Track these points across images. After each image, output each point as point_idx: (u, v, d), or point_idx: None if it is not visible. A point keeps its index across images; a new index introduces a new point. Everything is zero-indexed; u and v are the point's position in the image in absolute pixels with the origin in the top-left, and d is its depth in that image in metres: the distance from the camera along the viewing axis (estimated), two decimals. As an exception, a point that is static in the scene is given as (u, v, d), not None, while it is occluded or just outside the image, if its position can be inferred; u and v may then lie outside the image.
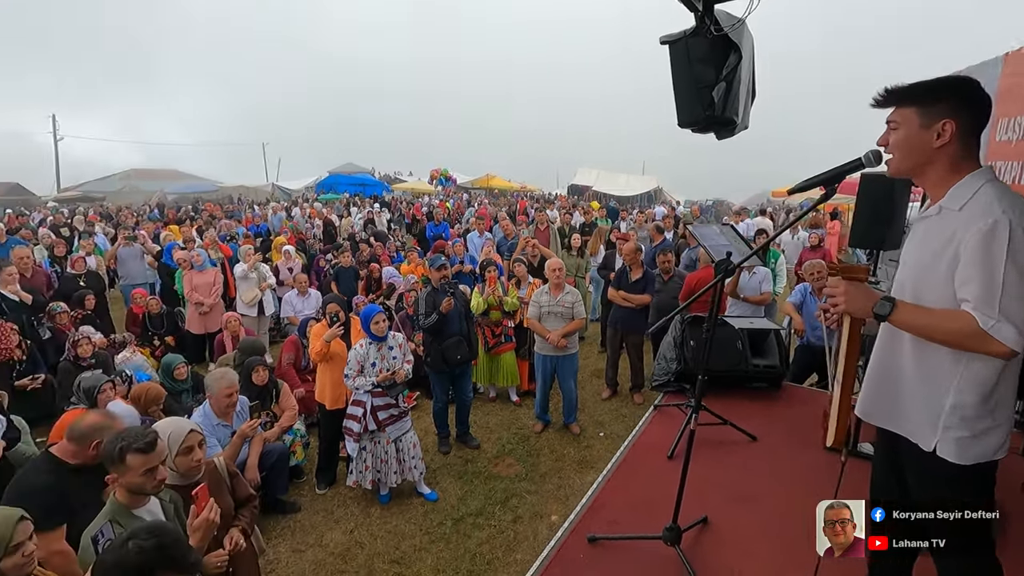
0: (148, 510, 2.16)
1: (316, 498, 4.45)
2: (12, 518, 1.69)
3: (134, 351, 6.14)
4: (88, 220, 13.58)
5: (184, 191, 28.85)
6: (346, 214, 17.02)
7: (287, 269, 8.44)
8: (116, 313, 7.88)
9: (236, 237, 11.34)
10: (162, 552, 1.45)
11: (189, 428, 2.47)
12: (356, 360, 4.06)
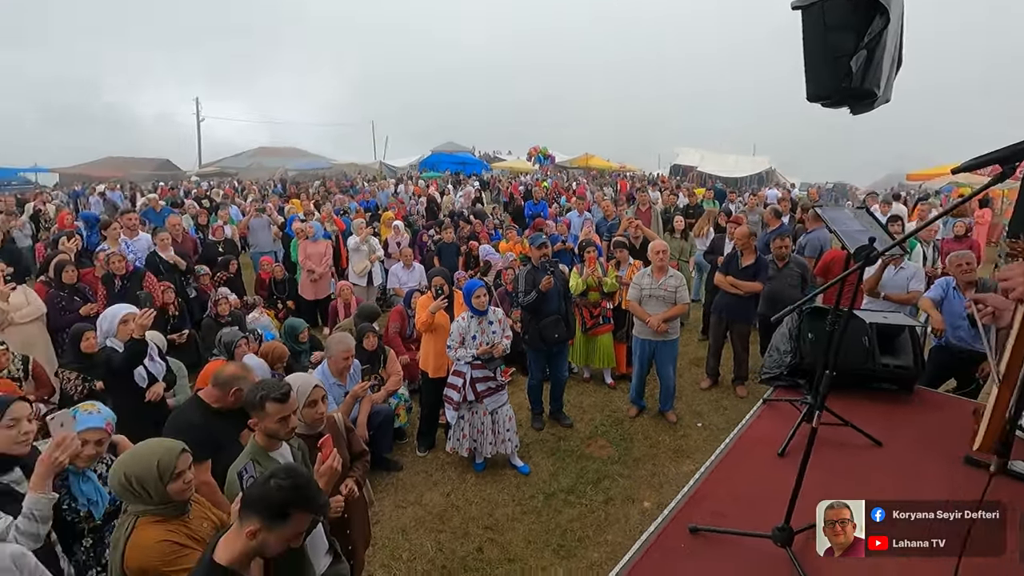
0: (280, 454, 2.40)
1: (416, 460, 4.72)
2: (176, 449, 1.95)
3: (261, 312, 6.79)
4: (224, 193, 15.12)
5: (303, 168, 31.18)
6: (448, 192, 17.56)
7: (395, 243, 8.87)
8: (246, 278, 8.74)
9: (348, 211, 12.10)
10: (298, 492, 1.61)
11: (314, 383, 2.69)
12: (458, 332, 4.21)
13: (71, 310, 5.07)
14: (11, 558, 1.86)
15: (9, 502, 2.06)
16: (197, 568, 1.63)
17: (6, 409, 2.18)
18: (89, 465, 2.35)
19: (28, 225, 9.55)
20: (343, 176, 28.66)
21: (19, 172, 26.32)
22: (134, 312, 3.39)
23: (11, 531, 1.99)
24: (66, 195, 17.73)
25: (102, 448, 2.40)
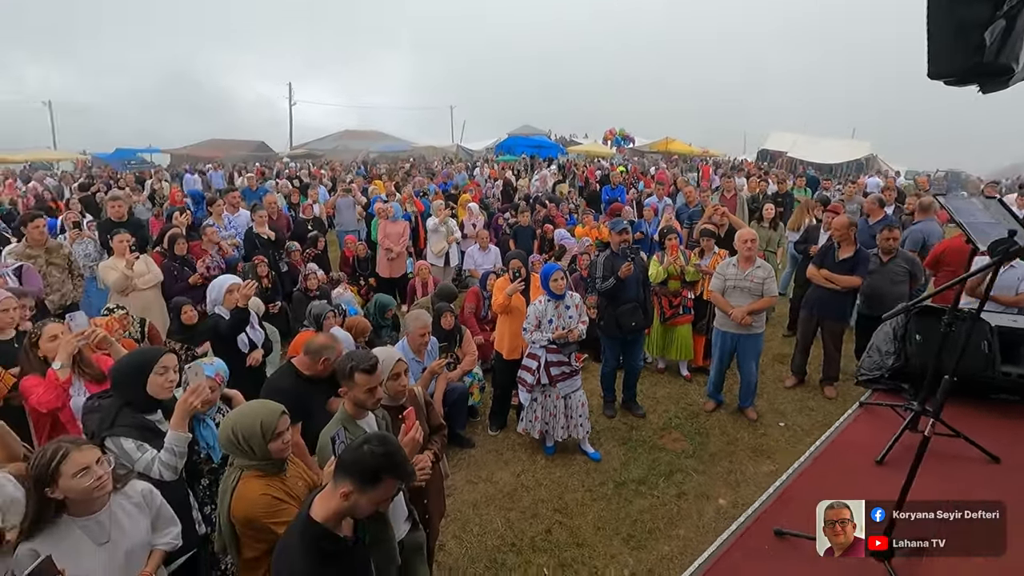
0: (367, 422, 2.52)
1: (488, 438, 4.81)
2: (277, 411, 2.10)
3: (345, 288, 7.14)
4: (312, 174, 15.95)
5: (384, 150, 32.25)
6: (524, 175, 17.57)
7: (471, 224, 9.02)
8: (331, 255, 9.20)
9: (427, 193, 12.42)
10: (389, 459, 1.69)
11: (397, 357, 2.79)
12: (534, 315, 4.22)
13: (181, 279, 5.56)
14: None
15: (153, 437, 2.32)
16: (295, 522, 1.75)
17: (160, 358, 2.42)
18: (207, 410, 2.58)
19: (147, 201, 10.54)
20: (422, 159, 29.42)
21: (137, 153, 29.06)
22: (239, 283, 3.66)
23: (155, 463, 2.24)
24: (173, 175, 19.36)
25: (215, 396, 2.63)
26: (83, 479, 1.82)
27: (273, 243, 6.86)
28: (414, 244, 8.70)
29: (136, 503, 2.06)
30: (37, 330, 2.91)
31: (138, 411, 2.38)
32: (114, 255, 5.18)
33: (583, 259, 6.96)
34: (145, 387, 2.39)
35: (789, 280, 7.62)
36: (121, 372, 2.45)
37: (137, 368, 2.40)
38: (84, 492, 1.84)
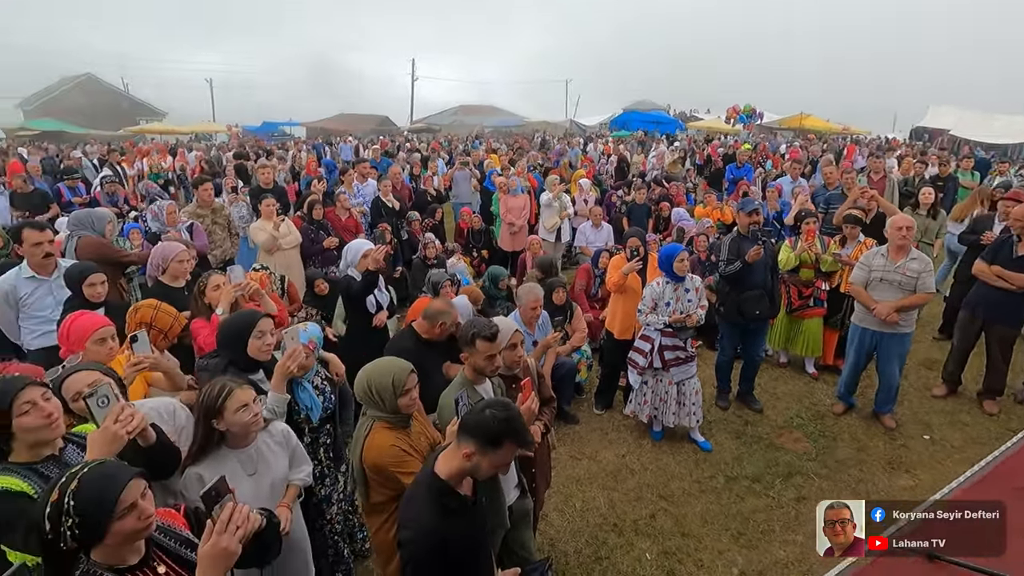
0: (484, 389, 2.60)
1: (593, 416, 4.79)
2: (407, 369, 2.23)
3: (459, 259, 7.37)
4: (431, 147, 16.57)
5: (498, 125, 32.67)
6: (639, 151, 16.95)
7: (582, 201, 8.89)
8: (447, 225, 9.53)
9: (539, 168, 12.40)
10: (511, 425, 1.72)
11: (515, 328, 2.83)
12: (651, 297, 4.08)
13: (317, 241, 6.06)
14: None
15: (258, 394, 2.53)
16: (421, 475, 1.85)
17: (256, 323, 2.63)
18: (302, 374, 2.66)
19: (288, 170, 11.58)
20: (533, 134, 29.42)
21: (279, 126, 31.94)
22: (372, 247, 3.91)
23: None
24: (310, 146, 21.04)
25: (310, 361, 2.74)
26: (243, 414, 2.06)
27: (396, 212, 7.24)
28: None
29: (278, 441, 2.29)
30: (204, 280, 3.31)
31: (241, 370, 2.54)
32: (262, 217, 5.76)
33: (700, 240, 6.60)
34: (245, 349, 2.56)
35: (946, 276, 6.69)
36: (224, 334, 2.63)
37: (237, 331, 2.57)
38: (243, 427, 2.08)
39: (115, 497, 1.36)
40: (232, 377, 2.17)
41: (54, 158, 14.42)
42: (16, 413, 1.72)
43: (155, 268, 3.68)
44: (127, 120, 32.93)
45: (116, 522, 1.36)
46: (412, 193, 8.58)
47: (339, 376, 2.89)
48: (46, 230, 3.73)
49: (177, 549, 1.60)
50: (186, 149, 16.36)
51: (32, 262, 3.65)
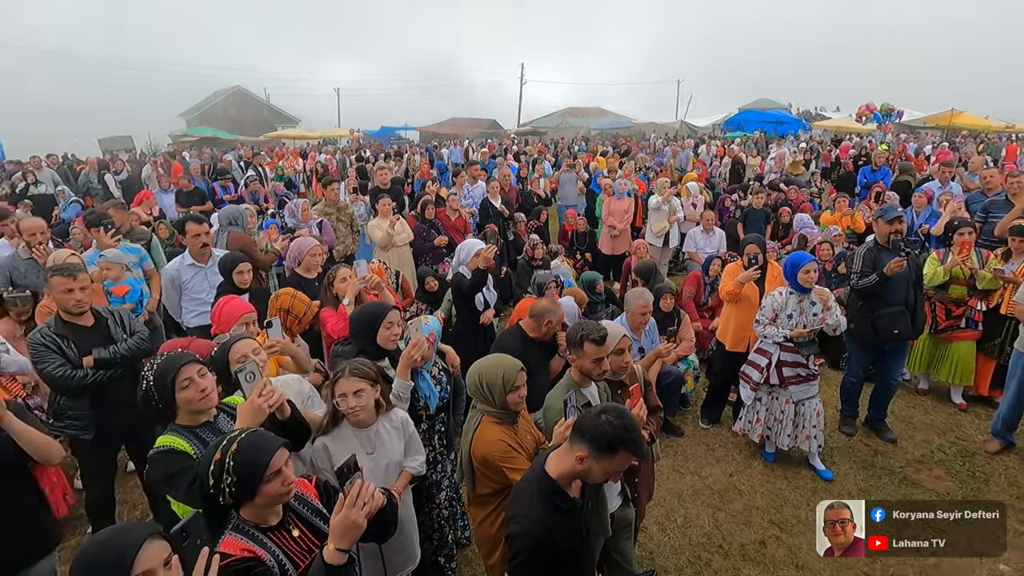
0: (590, 392, 2.57)
1: (697, 430, 4.58)
2: (517, 367, 2.27)
3: (563, 261, 7.38)
4: (539, 150, 16.74)
5: (605, 127, 32.26)
6: (754, 153, 15.92)
7: (691, 205, 8.53)
8: (551, 227, 9.58)
9: (647, 170, 12.09)
10: (627, 433, 1.69)
11: (623, 333, 2.77)
12: (771, 308, 3.82)
13: (428, 240, 6.35)
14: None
15: (385, 382, 2.68)
16: (531, 472, 1.87)
17: (386, 315, 2.80)
18: (421, 364, 2.80)
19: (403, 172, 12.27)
20: (642, 136, 28.70)
21: (395, 130, 33.89)
22: (484, 247, 4.03)
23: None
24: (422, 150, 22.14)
25: (430, 352, 2.87)
26: (350, 400, 2.20)
27: (503, 213, 7.40)
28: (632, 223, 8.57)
29: (395, 426, 2.42)
30: (333, 272, 3.60)
31: (371, 357, 2.67)
32: (379, 216, 6.14)
33: (824, 249, 6.07)
34: (375, 338, 2.72)
35: None
36: (357, 323, 2.81)
37: (369, 321, 2.74)
38: (350, 410, 2.22)
39: (266, 462, 1.52)
40: (361, 362, 2.31)
41: (212, 160, 16.44)
42: (177, 388, 1.98)
43: (292, 260, 4.07)
44: (267, 127, 36.65)
45: (265, 485, 1.53)
46: (519, 195, 8.72)
47: (454, 368, 3.01)
48: (204, 223, 4.26)
49: (309, 517, 1.75)
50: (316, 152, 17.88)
51: (192, 251, 4.18)
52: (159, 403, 1.97)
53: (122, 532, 1.35)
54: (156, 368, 1.98)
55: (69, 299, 2.89)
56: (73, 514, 3.53)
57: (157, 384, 1.96)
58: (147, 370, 2.00)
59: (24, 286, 3.88)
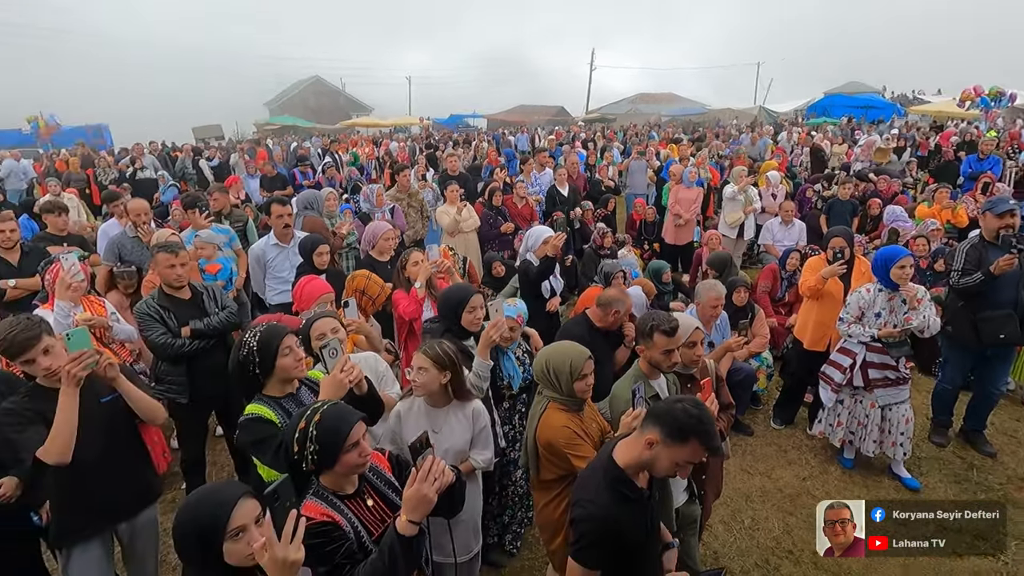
0: (659, 384, 2.52)
1: (768, 431, 4.39)
2: (585, 355, 2.26)
3: (629, 250, 7.24)
4: (607, 137, 16.44)
5: (676, 114, 31.19)
6: (840, 141, 14.87)
7: (769, 195, 8.11)
8: (619, 216, 9.39)
9: (722, 158, 11.59)
10: (702, 424, 1.64)
11: (695, 326, 2.69)
12: (858, 305, 3.58)
13: (495, 226, 6.40)
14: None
15: (467, 360, 2.75)
16: (598, 459, 1.86)
17: (469, 299, 2.86)
18: (507, 345, 2.91)
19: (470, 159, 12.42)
20: (716, 123, 27.52)
21: (463, 118, 34.29)
22: (553, 234, 4.02)
23: (467, 383, 2.67)
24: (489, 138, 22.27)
25: (515, 334, 2.93)
26: (413, 373, 2.29)
27: (570, 200, 7.34)
28: (702, 212, 8.26)
29: (465, 415, 2.43)
30: (406, 256, 3.71)
31: (457, 336, 2.80)
32: (447, 202, 6.25)
33: (919, 244, 5.61)
34: (460, 320, 2.81)
35: None
36: (444, 305, 2.90)
37: (453, 305, 2.82)
38: (412, 382, 2.31)
39: (346, 433, 1.60)
40: (439, 344, 2.37)
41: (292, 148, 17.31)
42: (279, 355, 2.10)
43: (367, 243, 4.22)
44: (343, 115, 38.06)
45: (345, 454, 1.61)
46: (587, 183, 8.61)
47: (538, 350, 3.04)
48: (287, 204, 4.50)
49: (382, 488, 1.83)
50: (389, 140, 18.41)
51: (276, 232, 4.42)
52: (256, 368, 2.09)
53: (220, 489, 1.48)
54: (261, 335, 2.10)
55: (171, 274, 3.14)
56: (169, 471, 3.87)
57: (262, 349, 2.07)
58: (250, 336, 2.11)
59: (131, 262, 4.26)
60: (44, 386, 2.19)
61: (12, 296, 3.95)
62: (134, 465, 2.43)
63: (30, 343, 2.13)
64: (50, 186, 8.72)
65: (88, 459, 2.14)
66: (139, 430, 2.48)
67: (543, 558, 3.17)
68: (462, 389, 2.39)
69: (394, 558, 1.53)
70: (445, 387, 2.34)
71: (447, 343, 2.36)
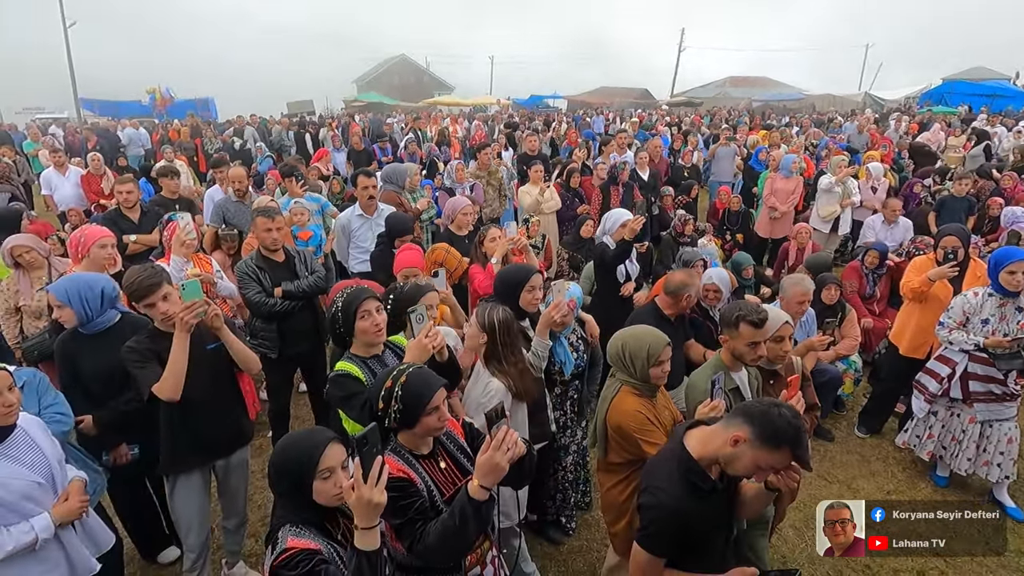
0: (740, 377, 2.43)
1: (851, 438, 4.14)
2: (663, 341, 2.21)
3: (710, 240, 6.96)
4: (693, 121, 15.77)
5: (770, 99, 29.37)
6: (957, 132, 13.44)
7: (870, 188, 7.50)
8: (699, 204, 9.02)
9: (815, 148, 10.82)
10: (797, 433, 1.57)
11: (785, 319, 2.57)
12: (962, 310, 3.27)
13: (572, 208, 6.35)
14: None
15: (525, 341, 2.74)
16: (671, 447, 1.82)
17: (530, 278, 2.82)
18: (560, 330, 2.81)
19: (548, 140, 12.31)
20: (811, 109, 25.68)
21: (543, 99, 34.01)
22: (631, 218, 3.93)
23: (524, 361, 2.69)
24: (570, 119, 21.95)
25: (569, 318, 2.85)
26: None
27: (650, 185, 7.13)
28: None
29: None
30: (484, 232, 3.76)
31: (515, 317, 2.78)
32: (530, 182, 6.25)
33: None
34: (518, 299, 2.74)
35: None
36: (501, 283, 2.84)
37: (512, 284, 2.76)
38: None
39: (429, 397, 1.67)
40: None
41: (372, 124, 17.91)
42: (357, 317, 2.22)
43: (446, 217, 4.32)
44: (426, 94, 38.85)
45: (425, 416, 1.68)
46: (669, 168, 8.33)
47: (593, 337, 3.02)
48: (373, 176, 4.67)
49: (455, 452, 1.90)
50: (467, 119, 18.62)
51: (362, 203, 4.61)
52: (341, 327, 2.25)
53: (312, 434, 1.61)
54: (345, 297, 2.26)
55: (268, 237, 3.37)
56: (257, 420, 4.20)
57: (344, 311, 2.24)
58: (339, 297, 2.28)
59: (233, 225, 4.60)
60: (161, 330, 2.43)
61: (133, 250, 4.39)
62: (232, 408, 2.66)
63: (153, 289, 2.37)
64: (165, 153, 9.52)
65: (194, 399, 2.36)
66: (237, 378, 2.71)
67: (600, 540, 3.18)
68: (495, 358, 2.41)
69: (465, 520, 1.59)
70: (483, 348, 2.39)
71: (500, 310, 2.38)
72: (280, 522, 1.54)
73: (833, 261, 7.39)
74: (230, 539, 2.87)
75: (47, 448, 2.03)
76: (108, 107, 27.56)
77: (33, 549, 1.92)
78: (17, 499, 1.88)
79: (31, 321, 3.73)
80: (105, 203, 6.73)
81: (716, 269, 4.19)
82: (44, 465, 1.99)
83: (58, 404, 2.38)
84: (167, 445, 2.49)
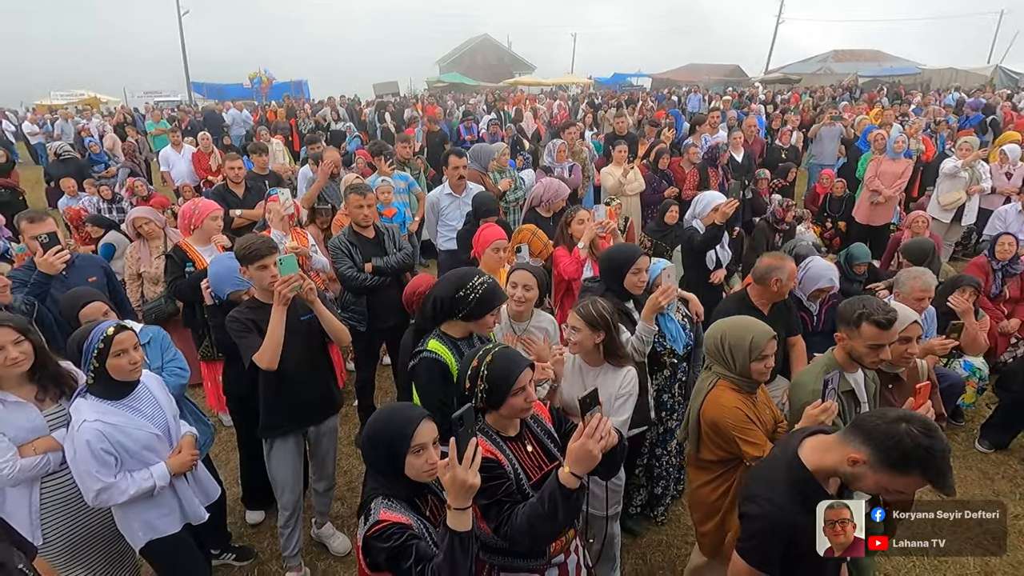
0: (856, 379, 2.21)
1: (971, 452, 3.73)
2: (768, 335, 2.03)
3: (808, 227, 6.45)
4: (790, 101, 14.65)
5: (880, 74, 26.74)
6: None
7: (1004, 174, 6.63)
8: (797, 188, 8.38)
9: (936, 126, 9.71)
10: (930, 457, 1.34)
11: (913, 319, 2.32)
12: None
13: (659, 190, 6.09)
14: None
15: (628, 323, 2.65)
16: (782, 455, 1.64)
17: (635, 261, 2.69)
18: (665, 308, 2.71)
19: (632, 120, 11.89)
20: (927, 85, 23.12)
21: (627, 77, 32.95)
22: (724, 201, 3.69)
23: (628, 345, 2.59)
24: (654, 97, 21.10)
25: (670, 298, 2.70)
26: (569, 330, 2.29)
27: (743, 168, 6.70)
28: (906, 190, 7.03)
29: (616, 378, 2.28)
30: (571, 214, 3.65)
31: (617, 298, 2.70)
32: (613, 163, 6.04)
33: None
34: (623, 281, 2.67)
35: None
36: (608, 263, 2.76)
37: (618, 266, 2.68)
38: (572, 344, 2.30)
39: (515, 377, 1.64)
40: (594, 303, 2.29)
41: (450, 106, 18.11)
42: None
43: (537, 199, 4.24)
44: (506, 74, 38.78)
45: (512, 397, 1.65)
46: (764, 149, 7.78)
47: (698, 316, 2.89)
48: (463, 156, 4.69)
49: (541, 436, 1.85)
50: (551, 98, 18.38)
51: (451, 182, 4.64)
52: (459, 309, 2.14)
53: (407, 409, 1.62)
54: (487, 285, 2.13)
55: (359, 213, 3.46)
56: (344, 389, 4.39)
57: (483, 297, 2.11)
58: (479, 280, 2.14)
59: (327, 200, 4.78)
60: (261, 302, 2.54)
61: (237, 224, 4.68)
62: (324, 378, 2.76)
63: (265, 253, 2.47)
64: (261, 133, 10.12)
65: (290, 368, 2.46)
66: (328, 349, 2.81)
67: (682, 536, 3.06)
68: (614, 352, 2.27)
69: (554, 506, 1.54)
70: (598, 347, 2.27)
71: (602, 302, 2.26)
72: (373, 494, 1.57)
73: (953, 254, 6.66)
74: (319, 501, 3.01)
75: (164, 403, 2.19)
76: (214, 90, 29.69)
77: (151, 495, 2.09)
78: (139, 448, 2.05)
79: (150, 286, 4.09)
80: (212, 179, 7.28)
81: (825, 262, 3.80)
82: (161, 418, 2.16)
83: (178, 359, 2.59)
84: (266, 411, 2.62)
